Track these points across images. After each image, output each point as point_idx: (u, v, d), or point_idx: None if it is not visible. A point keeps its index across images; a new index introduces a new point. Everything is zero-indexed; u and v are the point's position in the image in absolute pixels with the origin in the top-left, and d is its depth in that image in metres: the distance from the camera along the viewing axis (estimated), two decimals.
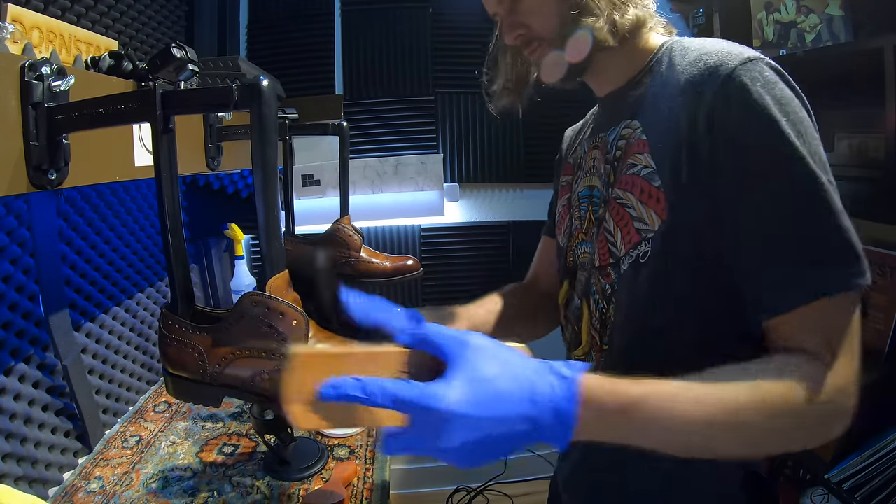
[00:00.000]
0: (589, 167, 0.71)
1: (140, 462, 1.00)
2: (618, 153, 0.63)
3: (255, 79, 0.44)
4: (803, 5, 1.17)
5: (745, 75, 0.51)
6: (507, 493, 2.12)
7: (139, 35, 1.33)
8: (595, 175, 0.68)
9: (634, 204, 0.59)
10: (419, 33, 1.91)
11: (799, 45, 1.19)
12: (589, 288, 0.67)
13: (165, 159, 0.49)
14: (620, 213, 0.60)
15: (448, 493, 2.15)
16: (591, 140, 0.72)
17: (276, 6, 1.89)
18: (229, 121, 1.11)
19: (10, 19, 0.66)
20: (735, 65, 0.51)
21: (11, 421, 0.85)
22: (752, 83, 0.50)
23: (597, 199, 0.68)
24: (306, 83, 1.91)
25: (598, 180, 0.68)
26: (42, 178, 0.59)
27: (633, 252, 0.58)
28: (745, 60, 0.52)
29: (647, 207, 0.57)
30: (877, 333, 1.11)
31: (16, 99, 0.55)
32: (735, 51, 0.53)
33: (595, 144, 0.70)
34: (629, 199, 0.59)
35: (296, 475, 0.95)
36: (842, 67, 1.11)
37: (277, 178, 0.47)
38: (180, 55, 0.69)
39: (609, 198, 0.63)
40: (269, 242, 0.49)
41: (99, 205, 1.19)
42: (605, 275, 0.63)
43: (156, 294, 1.40)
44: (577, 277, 0.71)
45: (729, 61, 0.52)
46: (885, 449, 0.93)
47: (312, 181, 1.91)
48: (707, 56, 0.55)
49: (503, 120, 1.93)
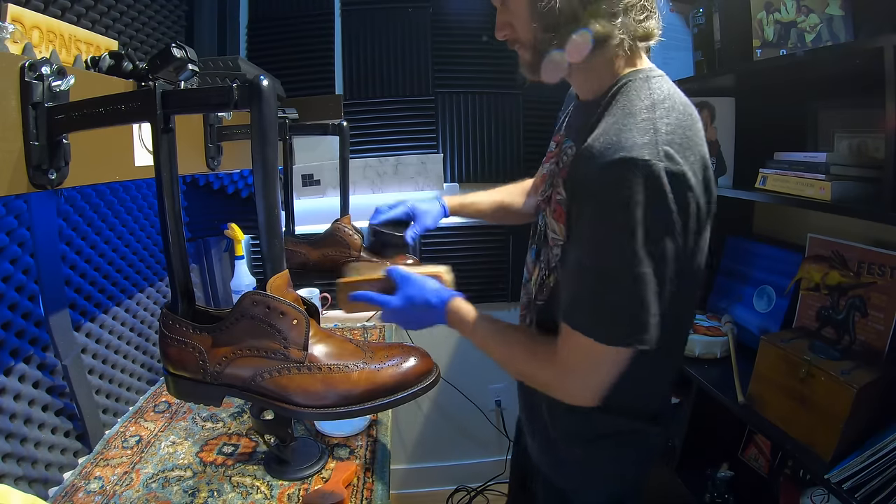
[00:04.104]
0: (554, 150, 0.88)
1: (140, 462, 1.00)
2: (560, 165, 0.81)
3: (255, 78, 0.44)
4: (803, 5, 1.17)
5: (608, 174, 0.61)
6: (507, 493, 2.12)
7: (139, 35, 1.33)
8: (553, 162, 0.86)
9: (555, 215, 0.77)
10: (419, 33, 1.91)
11: (799, 45, 1.19)
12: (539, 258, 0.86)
13: (165, 159, 0.49)
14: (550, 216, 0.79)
15: (448, 493, 2.15)
16: (563, 131, 0.87)
17: (276, 6, 1.89)
18: (229, 121, 1.11)
19: (10, 19, 0.66)
20: (607, 161, 0.61)
21: (11, 421, 0.85)
22: (611, 181, 0.61)
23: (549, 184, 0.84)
24: (306, 83, 1.91)
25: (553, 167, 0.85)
26: (42, 177, 0.59)
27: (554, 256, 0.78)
28: (618, 161, 0.60)
29: (559, 223, 0.76)
30: (877, 333, 1.11)
31: (16, 99, 0.55)
32: (624, 143, 0.61)
33: (562, 138, 0.85)
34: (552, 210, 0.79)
35: (296, 475, 0.95)
36: (842, 67, 1.11)
37: (278, 178, 0.47)
38: (180, 55, 0.69)
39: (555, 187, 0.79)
40: (269, 242, 0.49)
41: (99, 205, 1.19)
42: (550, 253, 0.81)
43: (156, 294, 1.40)
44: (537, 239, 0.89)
45: (606, 156, 0.61)
46: (885, 449, 0.93)
47: (312, 181, 1.91)
48: (606, 134, 0.64)
49: (503, 120, 1.94)
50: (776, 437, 1.13)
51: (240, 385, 0.52)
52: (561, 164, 0.80)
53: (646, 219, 0.60)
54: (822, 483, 1.00)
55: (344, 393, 0.52)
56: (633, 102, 0.66)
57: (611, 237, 0.62)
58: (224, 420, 1.16)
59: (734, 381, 1.27)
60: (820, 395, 1.03)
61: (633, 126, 0.63)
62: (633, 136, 0.61)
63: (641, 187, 0.59)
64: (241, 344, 0.51)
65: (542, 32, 0.70)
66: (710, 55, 1.49)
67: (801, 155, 1.18)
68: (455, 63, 1.92)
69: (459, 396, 2.11)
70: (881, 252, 1.13)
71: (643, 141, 0.61)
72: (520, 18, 0.72)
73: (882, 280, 1.12)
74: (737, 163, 1.51)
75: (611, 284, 0.64)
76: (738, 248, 1.61)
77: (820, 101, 1.39)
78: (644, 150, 0.60)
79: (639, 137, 0.61)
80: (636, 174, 0.59)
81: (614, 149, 0.61)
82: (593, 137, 0.66)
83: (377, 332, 1.70)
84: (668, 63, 1.60)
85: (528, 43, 0.73)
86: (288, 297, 0.51)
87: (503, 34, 0.76)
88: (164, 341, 0.54)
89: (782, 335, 1.20)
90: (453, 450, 2.19)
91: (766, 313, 1.44)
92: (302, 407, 0.52)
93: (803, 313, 1.30)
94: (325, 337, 0.54)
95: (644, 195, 0.59)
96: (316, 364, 0.52)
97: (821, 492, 1.15)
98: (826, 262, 1.20)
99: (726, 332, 1.44)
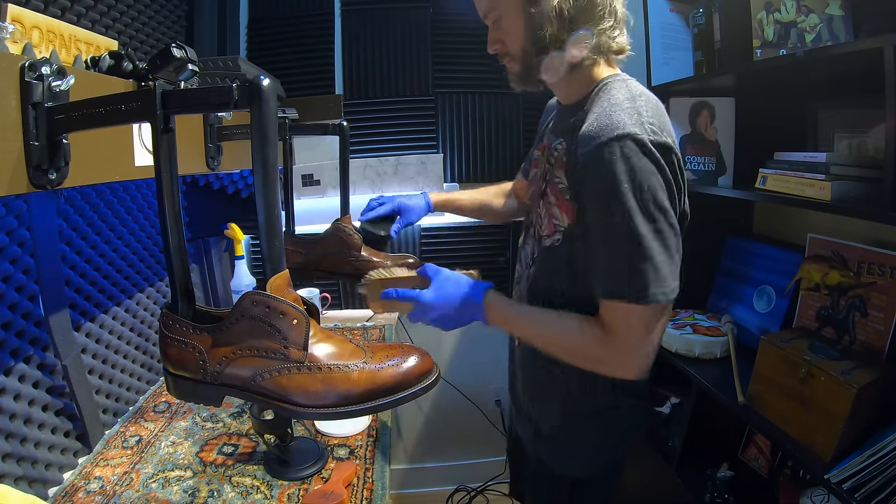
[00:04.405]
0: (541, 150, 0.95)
1: (140, 462, 1.00)
2: (552, 160, 0.88)
3: (255, 78, 0.44)
4: (803, 5, 1.17)
5: (606, 149, 0.71)
6: (507, 493, 2.12)
7: (139, 35, 1.33)
8: (544, 161, 0.93)
9: (556, 204, 0.85)
10: (419, 33, 1.91)
11: (799, 45, 1.19)
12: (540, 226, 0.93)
13: (165, 159, 0.49)
14: (548, 208, 0.87)
15: (448, 493, 2.15)
16: (548, 135, 0.96)
17: (276, 6, 1.89)
18: (229, 121, 1.11)
19: (10, 19, 0.66)
20: (604, 140, 0.71)
21: (11, 421, 0.85)
22: (610, 156, 0.70)
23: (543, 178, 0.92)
24: (306, 83, 1.91)
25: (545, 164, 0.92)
26: (42, 177, 0.59)
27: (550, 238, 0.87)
28: (615, 137, 0.71)
29: (562, 212, 0.84)
30: (877, 333, 1.11)
31: (16, 99, 0.55)
32: (616, 124, 0.72)
33: (548, 141, 0.92)
34: (552, 201, 0.86)
35: (296, 475, 0.95)
36: (842, 67, 1.11)
37: (278, 178, 0.47)
38: (180, 55, 0.69)
39: (550, 182, 0.87)
40: (269, 242, 0.49)
41: (99, 205, 1.19)
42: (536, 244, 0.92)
43: (156, 294, 1.40)
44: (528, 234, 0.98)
45: (603, 135, 0.72)
46: (885, 449, 0.93)
47: (312, 181, 1.91)
48: (598, 119, 0.75)
49: (503, 120, 1.94)
50: (776, 437, 1.13)
51: (240, 385, 0.52)
52: (553, 161, 0.88)
53: (646, 181, 0.70)
54: (822, 483, 0.99)
55: (344, 393, 0.52)
56: (615, 96, 0.77)
57: (622, 203, 0.70)
58: (224, 420, 1.16)
59: (734, 381, 1.27)
60: (820, 395, 1.03)
61: (620, 111, 0.74)
62: (622, 117, 0.73)
63: (638, 156, 0.70)
64: (241, 344, 0.51)
65: (533, 49, 0.82)
66: (710, 55, 1.49)
67: (801, 155, 1.18)
68: (455, 63, 1.92)
69: (459, 396, 2.11)
70: (881, 252, 1.13)
71: (631, 121, 0.72)
72: (512, 37, 0.83)
73: (882, 280, 1.12)
74: (737, 163, 1.51)
75: (632, 246, 0.71)
76: (738, 248, 1.61)
77: (820, 101, 1.38)
78: (633, 127, 0.71)
79: (627, 119, 0.72)
80: (631, 146, 0.70)
81: (608, 129, 0.72)
82: (586, 125, 0.76)
83: (377, 332, 1.70)
84: (669, 63, 1.60)
85: (518, 57, 0.84)
86: (288, 297, 0.51)
87: (495, 49, 0.87)
88: (164, 341, 0.54)
89: (782, 335, 1.20)
90: (453, 450, 2.19)
91: (766, 313, 1.44)
92: (302, 407, 0.52)
93: (803, 313, 1.30)
94: (326, 337, 0.54)
95: (641, 162, 0.70)
96: (316, 364, 0.52)
97: (821, 492, 1.15)
98: (826, 262, 1.20)
99: (726, 332, 1.44)
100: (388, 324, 1.79)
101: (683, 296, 0.76)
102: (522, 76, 0.85)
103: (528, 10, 0.79)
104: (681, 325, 1.50)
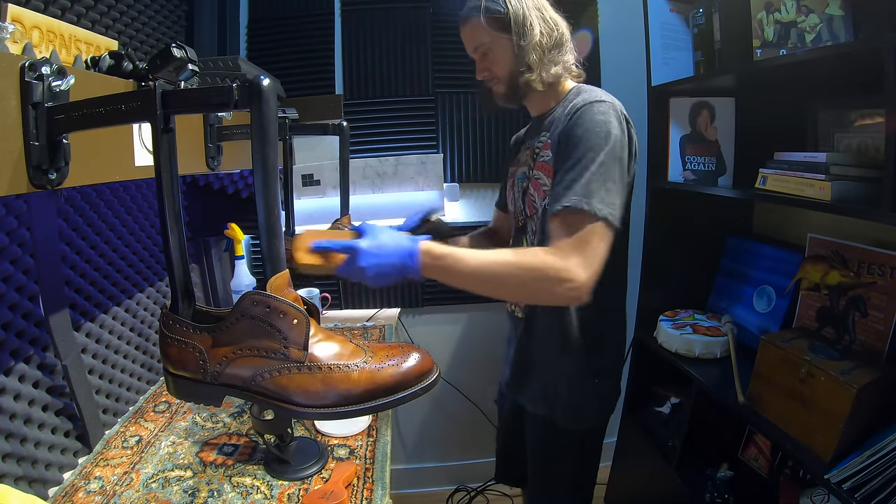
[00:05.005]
0: (522, 161, 1.12)
1: (140, 462, 1.00)
2: (537, 150, 1.05)
3: (255, 78, 0.44)
4: (803, 5, 1.16)
5: (585, 109, 0.92)
6: (507, 493, 2.12)
7: (139, 35, 1.33)
8: (525, 166, 1.09)
9: (542, 176, 1.01)
10: (419, 33, 1.91)
11: (799, 45, 1.19)
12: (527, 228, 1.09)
13: (165, 159, 0.49)
14: (535, 184, 1.04)
15: (448, 493, 2.15)
16: (524, 144, 1.14)
17: (276, 6, 1.89)
18: (229, 121, 1.11)
19: (10, 19, 0.66)
20: (584, 104, 0.92)
21: (11, 421, 0.85)
22: (586, 113, 0.91)
23: (524, 180, 1.09)
24: (306, 83, 1.91)
25: (526, 168, 1.08)
26: (42, 177, 0.59)
27: (543, 202, 1.00)
28: (592, 101, 0.92)
29: (547, 177, 1.00)
30: (877, 333, 1.11)
31: (16, 99, 0.55)
32: (591, 97, 0.93)
33: (526, 147, 1.12)
34: (540, 175, 1.02)
35: (296, 475, 0.95)
36: (842, 67, 1.11)
37: (278, 178, 0.47)
38: (180, 55, 0.69)
39: (531, 177, 1.05)
40: (269, 242, 0.49)
41: (99, 205, 1.19)
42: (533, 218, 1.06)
43: (156, 294, 1.40)
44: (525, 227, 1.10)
45: (580, 103, 0.93)
46: (885, 449, 0.93)
47: (312, 181, 1.91)
48: (578, 98, 0.96)
49: (502, 120, 1.94)
50: (776, 437, 1.13)
51: (240, 385, 0.52)
52: (536, 156, 1.05)
53: (616, 134, 0.89)
54: (822, 483, 0.99)
55: (344, 393, 0.52)
56: (585, 91, 1.00)
57: (591, 139, 0.88)
58: (224, 420, 1.16)
59: (734, 381, 1.27)
60: (820, 395, 1.03)
61: (593, 93, 0.96)
62: (597, 94, 0.96)
63: (612, 114, 0.91)
64: (241, 344, 0.51)
65: (518, 73, 1.01)
66: (710, 55, 1.49)
67: (801, 155, 1.18)
68: (455, 63, 1.92)
69: (459, 396, 2.11)
70: (881, 252, 1.13)
71: (607, 98, 0.94)
72: (500, 65, 1.03)
73: (882, 280, 1.12)
74: (737, 163, 1.51)
75: (590, 170, 0.86)
76: (738, 248, 1.61)
77: (820, 101, 1.38)
78: (610, 99, 0.94)
79: (604, 96, 0.95)
80: (607, 107, 0.91)
81: (588, 98, 0.94)
82: (572, 103, 0.96)
83: (377, 332, 1.70)
84: (669, 63, 1.60)
85: (505, 81, 1.04)
86: (288, 296, 0.51)
87: (483, 76, 1.07)
88: (164, 341, 0.54)
89: (782, 335, 1.20)
90: (453, 450, 2.19)
91: (766, 313, 1.44)
92: (302, 407, 0.52)
93: (803, 313, 1.30)
94: (326, 337, 0.54)
95: (615, 121, 0.90)
96: (316, 364, 0.52)
97: (821, 492, 1.15)
98: (826, 261, 1.20)
99: (726, 332, 1.44)
100: (388, 324, 1.79)
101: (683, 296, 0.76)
102: (509, 95, 1.05)
103: (518, 44, 0.99)
104: (681, 325, 1.50)
